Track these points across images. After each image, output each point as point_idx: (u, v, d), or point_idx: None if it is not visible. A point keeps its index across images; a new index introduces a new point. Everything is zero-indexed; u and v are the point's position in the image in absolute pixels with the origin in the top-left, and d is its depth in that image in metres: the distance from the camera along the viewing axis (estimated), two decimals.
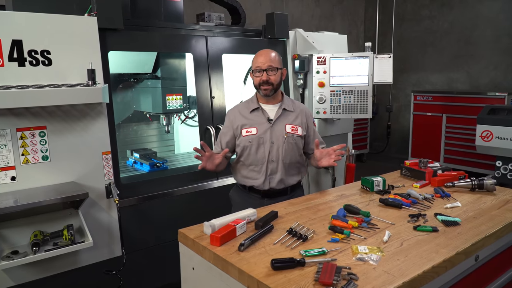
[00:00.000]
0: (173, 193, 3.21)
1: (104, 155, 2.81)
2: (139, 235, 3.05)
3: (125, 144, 4.02)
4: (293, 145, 2.53)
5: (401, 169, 2.81)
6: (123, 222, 2.91)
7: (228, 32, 3.67)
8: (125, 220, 2.93)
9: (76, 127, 2.68)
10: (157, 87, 3.60)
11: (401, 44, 8.17)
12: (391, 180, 2.66)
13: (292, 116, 2.57)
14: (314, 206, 2.15)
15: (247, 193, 2.57)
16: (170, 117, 3.82)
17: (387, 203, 2.11)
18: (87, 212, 2.76)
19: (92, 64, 2.61)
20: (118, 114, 4.00)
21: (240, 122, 2.54)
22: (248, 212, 1.89)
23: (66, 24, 2.61)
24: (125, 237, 2.91)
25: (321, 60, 3.70)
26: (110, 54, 3.25)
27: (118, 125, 3.98)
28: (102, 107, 2.77)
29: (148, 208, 3.09)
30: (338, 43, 4.18)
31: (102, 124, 2.78)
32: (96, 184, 2.79)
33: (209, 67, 3.37)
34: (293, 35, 3.86)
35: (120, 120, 4.01)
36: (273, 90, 2.50)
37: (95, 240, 2.78)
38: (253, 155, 2.50)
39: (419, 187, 2.45)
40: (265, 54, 2.51)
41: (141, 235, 3.06)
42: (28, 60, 2.47)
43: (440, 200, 2.24)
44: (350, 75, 3.69)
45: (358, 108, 3.68)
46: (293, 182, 2.57)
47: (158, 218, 3.15)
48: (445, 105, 6.64)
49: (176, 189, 3.23)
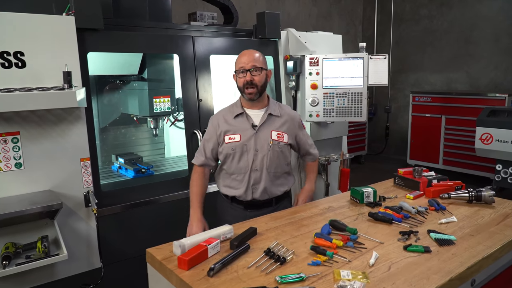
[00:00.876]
0: (158, 200, 3.07)
1: (83, 162, 2.67)
2: (119, 246, 2.90)
3: (112, 148, 3.88)
4: (279, 153, 2.38)
5: (394, 177, 2.66)
6: (103, 232, 2.77)
7: (217, 32, 3.53)
8: (105, 230, 2.79)
9: (52, 133, 2.55)
10: (143, 89, 3.46)
11: (399, 44, 8.02)
12: (383, 190, 2.51)
13: (278, 122, 2.43)
14: (298, 221, 2.00)
15: (230, 204, 2.43)
16: (158, 120, 3.68)
17: (376, 218, 1.97)
18: (64, 222, 2.63)
19: (68, 66, 2.48)
20: (105, 116, 3.88)
21: (223, 128, 2.39)
22: (224, 229, 1.74)
23: (41, 24, 2.48)
24: (105, 248, 2.78)
25: (314, 61, 3.56)
26: (94, 55, 3.12)
27: (105, 128, 3.86)
28: (81, 111, 2.64)
29: (131, 217, 2.95)
30: (333, 43, 4.03)
31: (80, 129, 2.65)
32: (74, 192, 2.65)
33: (196, 68, 3.23)
34: (285, 35, 3.72)
35: (106, 123, 3.88)
36: (258, 93, 2.34)
37: (72, 252, 2.65)
38: (235, 163, 2.35)
39: (412, 199, 2.31)
40: (249, 53, 2.36)
41: (122, 246, 2.92)
42: (0, 62, 2.33)
43: (434, 213, 2.09)
44: (344, 77, 3.54)
45: (353, 111, 3.54)
46: (278, 193, 2.43)
47: (141, 228, 3.01)
48: (444, 106, 6.50)
49: (161, 196, 3.09)
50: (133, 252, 2.94)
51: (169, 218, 3.12)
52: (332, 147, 3.88)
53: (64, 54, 2.56)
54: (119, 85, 3.83)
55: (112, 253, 2.84)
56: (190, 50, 3.19)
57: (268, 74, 2.43)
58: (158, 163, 3.95)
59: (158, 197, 3.07)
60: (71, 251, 2.64)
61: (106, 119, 3.91)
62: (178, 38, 3.15)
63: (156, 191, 3.10)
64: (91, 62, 3.21)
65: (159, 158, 4.23)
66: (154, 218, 3.06)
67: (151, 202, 3.03)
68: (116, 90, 3.86)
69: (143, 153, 4.13)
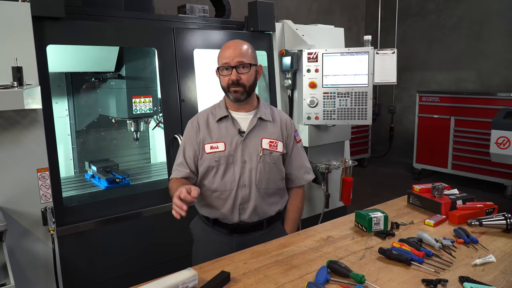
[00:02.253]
0: (133, 216, 2.67)
1: (40, 173, 2.28)
2: (85, 270, 2.51)
3: (91, 154, 3.50)
4: (271, 165, 1.96)
5: (408, 196, 2.21)
6: (66, 255, 2.39)
7: (204, 23, 3.14)
8: (68, 252, 2.41)
9: (2, 139, 2.17)
10: (121, 88, 3.07)
11: (405, 41, 7.60)
12: (395, 213, 2.07)
13: (270, 127, 2.00)
14: (286, 260, 1.57)
15: (211, 227, 2.00)
16: (139, 123, 3.28)
17: (390, 257, 1.53)
18: (18, 243, 2.25)
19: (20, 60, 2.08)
20: (81, 118, 3.50)
21: (203, 134, 1.97)
22: (185, 275, 1.32)
23: None
24: (67, 273, 2.40)
25: (313, 56, 3.16)
26: (63, 49, 2.74)
27: (82, 131, 3.47)
28: (37, 114, 2.25)
29: (99, 237, 2.56)
30: (334, 37, 3.63)
31: (37, 134, 2.26)
32: (29, 208, 2.27)
33: (178, 64, 2.83)
34: (280, 28, 3.32)
35: (83, 125, 3.50)
36: (246, 93, 1.92)
37: (27, 279, 2.28)
38: (219, 178, 1.93)
39: (433, 225, 1.87)
40: (234, 46, 1.91)
41: (87, 270, 2.52)
42: None
43: (464, 248, 1.65)
44: (346, 74, 3.14)
45: (356, 113, 3.14)
46: (271, 213, 2.01)
47: (112, 249, 2.62)
48: (453, 107, 6.09)
49: (137, 210, 2.69)
50: (101, 278, 2.56)
51: (146, 237, 2.73)
52: (333, 153, 3.47)
53: (17, 47, 2.18)
54: (96, 84, 3.45)
55: (76, 279, 2.46)
56: (170, 43, 2.80)
57: (258, 71, 2.00)
58: (141, 171, 3.56)
59: (134, 212, 2.68)
60: (25, 278, 2.27)
61: (83, 121, 3.53)
62: (156, 30, 2.75)
63: (132, 205, 2.71)
64: (60, 56, 2.84)
65: (144, 164, 3.84)
66: (129, 237, 2.67)
67: (123, 218, 2.63)
68: (93, 89, 3.48)
69: (126, 158, 3.74)
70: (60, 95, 3.42)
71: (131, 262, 2.68)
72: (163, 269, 1.49)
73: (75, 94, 3.45)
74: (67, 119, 3.50)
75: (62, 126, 3.46)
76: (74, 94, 3.43)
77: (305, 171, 2.12)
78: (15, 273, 2.18)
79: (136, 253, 2.71)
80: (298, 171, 2.10)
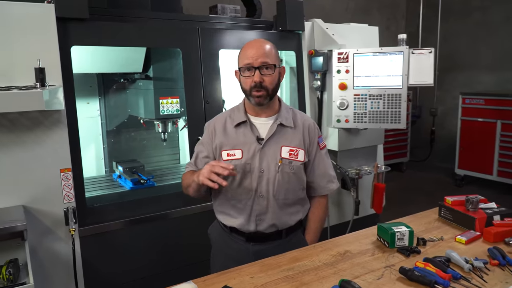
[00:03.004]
0: (154, 218, 2.65)
1: (63, 173, 2.30)
2: (106, 271, 2.51)
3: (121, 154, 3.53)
4: (291, 176, 1.84)
5: (439, 208, 2.01)
6: (87, 255, 2.40)
7: (231, 23, 3.08)
8: (90, 253, 2.41)
9: (26, 139, 2.19)
10: (149, 89, 3.07)
11: (447, 40, 7.24)
12: (424, 227, 1.89)
13: (291, 134, 1.88)
14: (297, 275, 1.45)
15: (229, 234, 1.92)
16: (166, 124, 3.27)
17: (412, 278, 1.37)
18: (41, 242, 2.27)
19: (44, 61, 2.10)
20: (112, 119, 3.54)
21: (220, 140, 1.87)
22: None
23: (13, 12, 2.13)
24: (88, 273, 2.40)
25: (343, 56, 3.03)
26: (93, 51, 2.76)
27: (113, 131, 3.51)
28: (61, 115, 2.27)
29: (120, 237, 2.55)
30: (367, 37, 3.47)
31: (60, 135, 2.28)
32: (52, 208, 2.29)
33: (202, 65, 2.78)
34: (309, 27, 3.21)
35: (114, 125, 3.54)
36: (269, 97, 1.81)
37: (49, 278, 2.30)
38: (235, 187, 1.83)
39: (465, 243, 1.68)
40: (257, 45, 1.79)
41: (108, 271, 2.52)
42: None
43: (498, 271, 1.46)
44: (379, 75, 2.99)
45: (389, 116, 2.98)
46: (291, 223, 1.89)
47: (133, 251, 2.60)
48: (499, 110, 5.71)
49: (158, 213, 2.67)
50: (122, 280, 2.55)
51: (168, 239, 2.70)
52: (365, 157, 3.32)
53: (42, 48, 2.20)
54: (126, 84, 3.47)
55: (97, 280, 2.46)
56: (195, 44, 2.75)
57: (281, 72, 1.89)
58: (168, 172, 3.55)
59: (156, 214, 2.66)
60: (47, 277, 2.29)
61: (113, 121, 3.57)
62: (180, 30, 2.72)
63: (154, 206, 2.69)
64: (89, 57, 2.88)
65: (173, 165, 3.84)
66: (150, 239, 2.65)
67: (145, 220, 2.62)
68: (123, 90, 3.51)
69: (154, 159, 3.75)
70: (92, 96, 3.48)
71: (152, 265, 2.66)
72: (185, 273, 1.44)
73: (106, 95, 3.49)
74: (99, 119, 3.55)
75: (93, 126, 3.52)
76: (105, 94, 3.48)
77: (328, 180, 1.98)
78: (37, 272, 2.21)
79: (157, 256, 2.68)
80: (320, 180, 1.97)
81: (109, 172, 3.52)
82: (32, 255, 2.19)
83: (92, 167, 3.54)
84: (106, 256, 2.51)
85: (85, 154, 3.48)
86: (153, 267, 2.66)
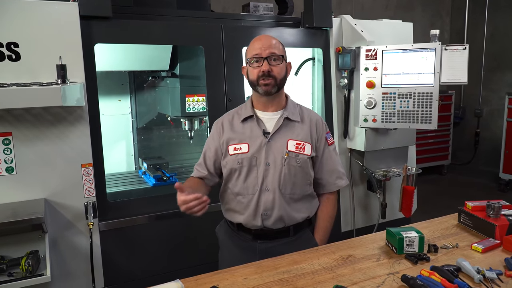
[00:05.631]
0: (173, 215, 2.65)
1: (84, 168, 2.35)
2: (124, 265, 2.54)
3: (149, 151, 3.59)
4: (297, 169, 1.81)
5: (459, 213, 1.88)
6: (107, 248, 2.45)
7: (257, 20, 3.04)
8: (109, 246, 2.46)
9: (49, 134, 2.26)
10: (175, 86, 3.10)
11: (495, 37, 6.83)
12: (439, 233, 1.77)
13: (298, 128, 1.85)
14: (292, 279, 1.39)
15: (236, 232, 1.90)
16: (193, 121, 3.29)
17: (413, 287, 1.27)
18: (62, 235, 2.33)
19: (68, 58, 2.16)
20: (141, 116, 3.61)
21: (227, 136, 1.87)
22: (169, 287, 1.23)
23: (38, 11, 2.19)
24: (109, 267, 2.45)
25: (371, 53, 2.91)
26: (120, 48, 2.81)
27: (142, 128, 3.58)
28: (83, 111, 2.32)
29: (139, 233, 2.58)
30: (399, 34, 3.32)
31: (82, 131, 2.33)
32: (73, 202, 2.35)
33: (225, 63, 2.76)
34: (338, 23, 3.11)
35: (143, 123, 3.61)
36: (276, 87, 1.79)
37: (69, 270, 2.36)
38: (241, 181, 1.82)
39: (481, 252, 1.56)
40: (265, 38, 1.82)
41: (127, 265, 2.55)
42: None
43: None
44: (409, 73, 2.85)
45: (419, 116, 2.83)
46: (299, 220, 1.85)
47: (152, 246, 2.63)
48: None
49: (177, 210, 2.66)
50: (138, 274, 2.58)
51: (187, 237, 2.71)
52: (394, 159, 3.18)
53: (65, 46, 2.25)
54: (155, 83, 3.52)
55: (116, 273, 2.50)
56: (218, 41, 2.74)
57: (288, 68, 1.88)
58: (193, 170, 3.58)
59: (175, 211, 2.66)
60: (67, 269, 2.35)
61: (143, 118, 3.64)
62: (203, 28, 2.71)
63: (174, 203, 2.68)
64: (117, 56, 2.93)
65: None
66: (169, 235, 2.67)
67: (164, 217, 2.63)
68: (153, 88, 3.57)
69: (182, 156, 3.78)
70: (123, 93, 3.55)
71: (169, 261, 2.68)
72: (203, 271, 1.42)
73: (136, 93, 3.55)
74: (130, 116, 3.63)
75: (125, 123, 3.59)
76: (136, 92, 3.54)
77: (337, 176, 1.93)
78: (57, 263, 2.28)
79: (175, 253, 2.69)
80: (329, 176, 1.92)
81: (139, 168, 3.58)
82: (53, 247, 2.26)
83: (122, 163, 3.62)
84: (125, 251, 2.55)
85: (116, 151, 3.57)
86: (170, 263, 2.67)
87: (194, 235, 2.73)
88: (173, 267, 2.66)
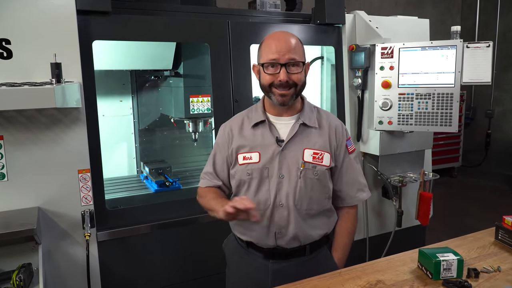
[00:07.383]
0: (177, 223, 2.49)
1: (81, 174, 2.19)
2: (124, 278, 2.38)
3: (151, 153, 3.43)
4: (314, 182, 1.62)
5: (496, 230, 1.70)
6: (105, 260, 2.29)
7: (264, 16, 2.88)
8: (108, 258, 2.30)
9: (44, 138, 2.10)
10: (179, 86, 2.94)
11: (507, 36, 6.64)
12: (477, 251, 1.59)
13: (315, 135, 1.66)
14: None
15: (245, 249, 1.72)
16: (197, 123, 3.12)
17: None
18: (57, 246, 2.17)
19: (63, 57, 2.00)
20: (143, 117, 3.45)
21: (237, 143, 1.68)
22: None
23: (32, 5, 2.03)
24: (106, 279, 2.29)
25: (387, 51, 2.73)
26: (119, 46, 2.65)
27: (144, 130, 3.42)
28: (80, 113, 2.16)
29: (140, 243, 2.42)
30: (416, 30, 3.14)
31: (79, 134, 2.17)
32: (69, 211, 2.19)
33: (232, 61, 2.60)
34: (351, 20, 2.94)
35: (145, 124, 3.45)
36: (294, 96, 1.61)
37: (65, 283, 2.21)
38: (252, 194, 1.63)
39: None
40: (284, 39, 1.56)
41: (127, 278, 2.39)
42: None
43: None
44: (428, 72, 2.67)
45: (439, 118, 2.66)
46: (316, 237, 1.67)
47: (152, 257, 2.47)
48: None
49: (181, 218, 2.51)
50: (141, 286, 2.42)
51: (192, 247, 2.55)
52: (410, 163, 3.00)
53: (61, 43, 2.09)
54: (157, 82, 3.36)
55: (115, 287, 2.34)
56: (224, 38, 2.57)
57: (306, 69, 1.67)
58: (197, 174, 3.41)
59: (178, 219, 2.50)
60: (62, 283, 2.19)
61: (145, 120, 3.48)
62: (208, 24, 2.55)
63: (178, 211, 2.53)
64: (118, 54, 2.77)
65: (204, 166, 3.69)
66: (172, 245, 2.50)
67: (167, 225, 2.47)
68: (155, 88, 3.41)
69: (186, 159, 3.62)
70: (125, 93, 3.40)
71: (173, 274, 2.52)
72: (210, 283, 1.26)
73: (138, 93, 3.40)
74: (131, 117, 3.48)
75: (126, 125, 3.44)
76: (137, 92, 3.39)
77: (358, 188, 1.75)
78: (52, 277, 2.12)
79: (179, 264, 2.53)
80: (349, 188, 1.73)
81: (141, 172, 3.43)
82: (47, 259, 2.10)
83: (124, 166, 3.47)
84: (125, 262, 2.39)
85: (117, 153, 3.42)
86: (174, 276, 2.51)
87: (200, 244, 2.57)
88: (178, 279, 2.50)
